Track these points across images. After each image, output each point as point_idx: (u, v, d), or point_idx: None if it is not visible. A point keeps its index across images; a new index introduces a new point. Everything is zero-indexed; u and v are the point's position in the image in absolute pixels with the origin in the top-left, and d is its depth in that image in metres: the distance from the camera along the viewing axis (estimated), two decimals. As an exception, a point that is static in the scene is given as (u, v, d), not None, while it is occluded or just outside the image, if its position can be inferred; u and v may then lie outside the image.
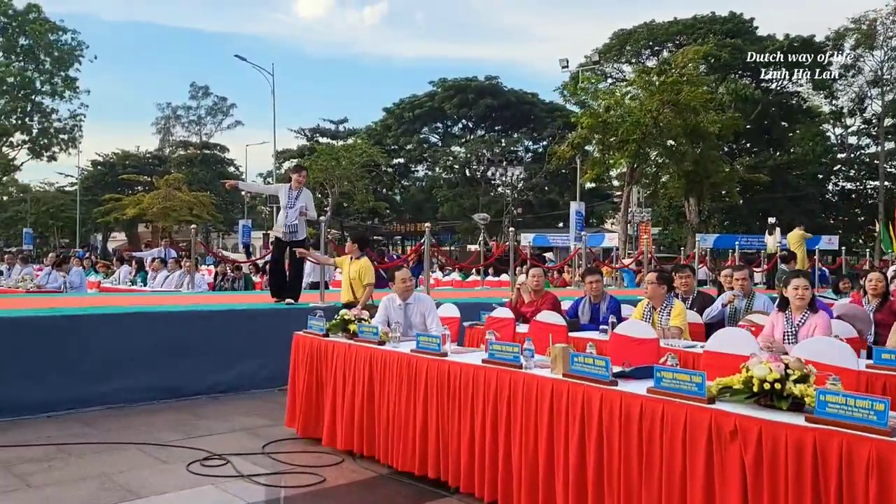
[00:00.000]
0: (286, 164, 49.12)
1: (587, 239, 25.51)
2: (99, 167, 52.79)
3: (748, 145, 43.72)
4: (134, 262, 15.47)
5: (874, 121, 42.87)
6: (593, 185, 52.36)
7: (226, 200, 49.52)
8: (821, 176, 44.82)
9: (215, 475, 4.82)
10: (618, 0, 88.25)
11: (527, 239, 42.45)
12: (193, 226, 12.59)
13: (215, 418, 6.46)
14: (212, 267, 17.00)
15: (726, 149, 31.72)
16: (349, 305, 7.39)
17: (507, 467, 4.02)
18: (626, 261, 19.96)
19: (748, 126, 21.32)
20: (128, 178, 47.73)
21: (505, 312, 5.87)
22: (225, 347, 7.64)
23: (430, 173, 52.71)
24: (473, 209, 45.56)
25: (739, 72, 37.92)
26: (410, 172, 53.29)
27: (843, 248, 23.24)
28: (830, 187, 47.14)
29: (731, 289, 7.86)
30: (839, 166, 45.63)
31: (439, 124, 50.72)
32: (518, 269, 19.06)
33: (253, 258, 19.87)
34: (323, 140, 49.31)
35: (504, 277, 18.96)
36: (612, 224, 46.52)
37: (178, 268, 13.21)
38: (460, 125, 51.34)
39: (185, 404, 7.02)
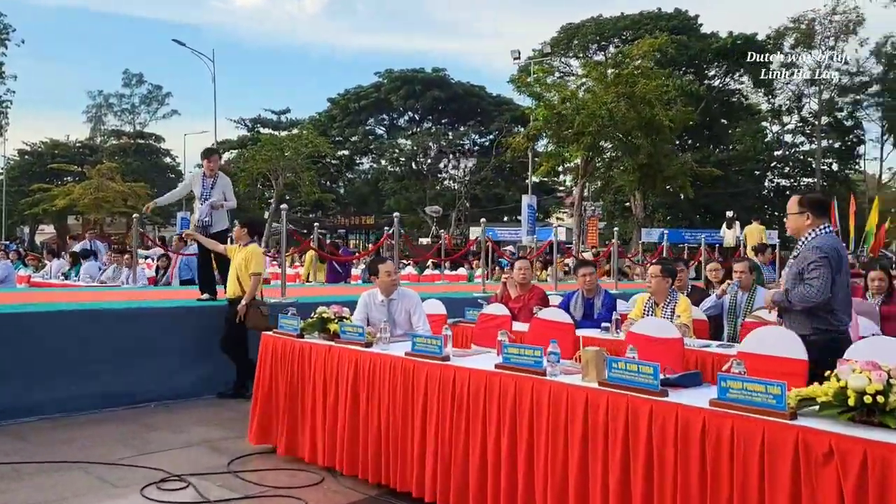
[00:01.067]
0: (226, 155, 47.61)
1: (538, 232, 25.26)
2: (26, 157, 50.21)
3: (690, 141, 44.27)
4: (68, 255, 14.39)
5: (810, 119, 43.96)
6: (539, 179, 52.59)
7: (163, 192, 47.71)
8: (758, 172, 45.73)
9: (175, 501, 4.15)
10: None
11: (475, 232, 42.27)
12: (136, 215, 11.69)
13: (169, 430, 5.74)
14: (151, 261, 16.00)
15: (676, 143, 31.88)
16: (236, 301, 6.76)
17: (528, 491, 3.47)
18: (586, 254, 19.70)
19: (690, 122, 21.23)
20: (57, 168, 45.47)
21: (499, 309, 5.34)
22: (176, 349, 6.90)
23: (375, 166, 51.84)
24: (421, 202, 44.98)
25: (684, 68, 38.25)
26: (355, 165, 52.28)
27: (779, 242, 23.53)
28: (766, 183, 48.22)
29: (716, 282, 7.54)
30: (775, 163, 46.67)
31: (385, 116, 49.86)
32: (476, 262, 18.66)
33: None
34: (265, 131, 47.93)
35: (461, 271, 18.50)
36: (558, 218, 46.60)
37: (113, 262, 12.30)
38: (406, 117, 50.59)
39: (134, 414, 6.27)
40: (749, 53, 36.48)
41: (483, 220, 11.11)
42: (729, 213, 18.49)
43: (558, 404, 3.36)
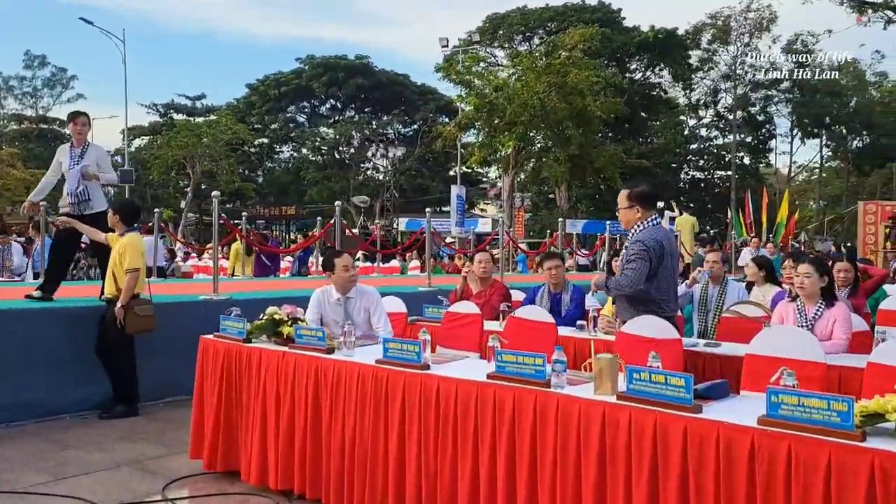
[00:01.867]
0: (137, 142, 45.41)
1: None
2: (-84, 141, 46.60)
3: (611, 134, 44.94)
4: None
5: (724, 113, 45.26)
6: (464, 171, 52.36)
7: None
8: (675, 165, 46.83)
9: (104, 539, 3.51)
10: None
11: (400, 223, 41.65)
12: (44, 203, 10.61)
13: (89, 447, 5.02)
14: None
15: (600, 135, 32.10)
16: (113, 301, 5.83)
17: (530, 520, 3.01)
18: (522, 245, 19.47)
19: (619, 114, 21.31)
20: (-49, 154, 42.31)
21: (467, 307, 4.85)
22: (93, 351, 6.13)
23: (296, 154, 50.51)
24: (344, 192, 44.01)
25: (607, 61, 38.65)
26: (275, 153, 50.78)
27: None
28: (682, 176, 49.47)
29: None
30: (690, 156, 47.92)
31: (307, 103, 48.54)
32: (409, 254, 18.14)
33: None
34: (178, 117, 45.92)
35: (394, 263, 17.94)
36: (482, 210, 46.53)
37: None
38: (328, 105, 49.42)
39: (46, 428, 5.51)
40: (670, 48, 37.18)
41: (428, 209, 10.57)
42: (659, 204, 18.55)
43: (568, 421, 2.90)
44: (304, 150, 49.02)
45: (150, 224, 10.91)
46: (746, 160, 46.89)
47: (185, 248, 15.61)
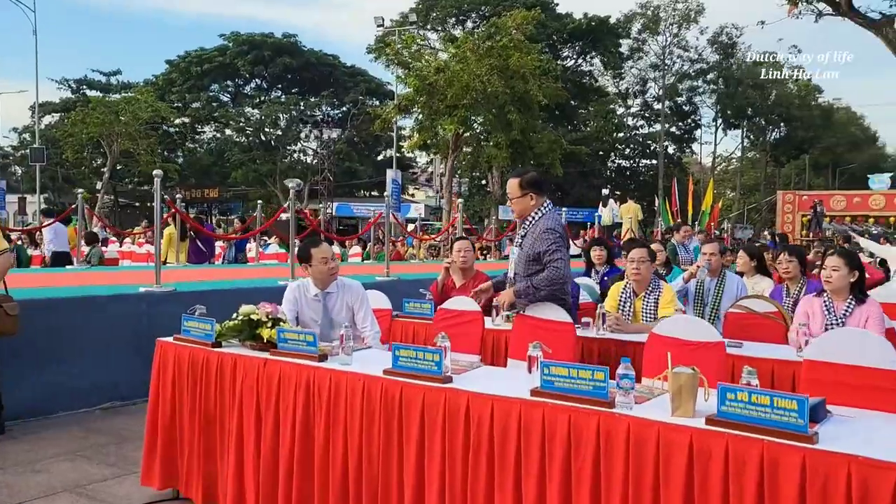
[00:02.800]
0: (47, 119, 42.73)
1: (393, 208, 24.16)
2: None
3: (541, 121, 44.96)
4: None
5: (651, 103, 45.94)
6: (393, 155, 51.53)
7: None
8: (602, 153, 47.34)
9: None
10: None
11: (331, 208, 40.61)
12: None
13: (18, 469, 4.25)
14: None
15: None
16: None
17: (591, 566, 2.51)
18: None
19: (544, 101, 21.10)
20: None
21: (465, 303, 4.30)
22: (14, 351, 5.30)
23: (218, 135, 48.60)
24: (270, 175, 42.64)
25: (541, 46, 38.51)
26: (196, 133, 48.70)
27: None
28: (609, 164, 50.10)
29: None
30: (617, 144, 48.56)
31: (230, 82, 46.67)
32: (348, 241, 17.41)
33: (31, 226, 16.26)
34: (92, 93, 43.39)
35: (335, 249, 17.17)
36: (412, 195, 45.96)
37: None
38: (253, 84, 47.69)
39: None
40: (602, 36, 37.32)
41: (387, 194, 9.93)
42: (604, 191, 18.46)
43: (643, 451, 2.41)
44: (228, 131, 47.21)
45: (75, 206, 9.90)
46: (671, 149, 47.81)
47: (110, 233, 14.46)
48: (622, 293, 4.80)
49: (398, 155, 51.52)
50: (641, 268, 4.64)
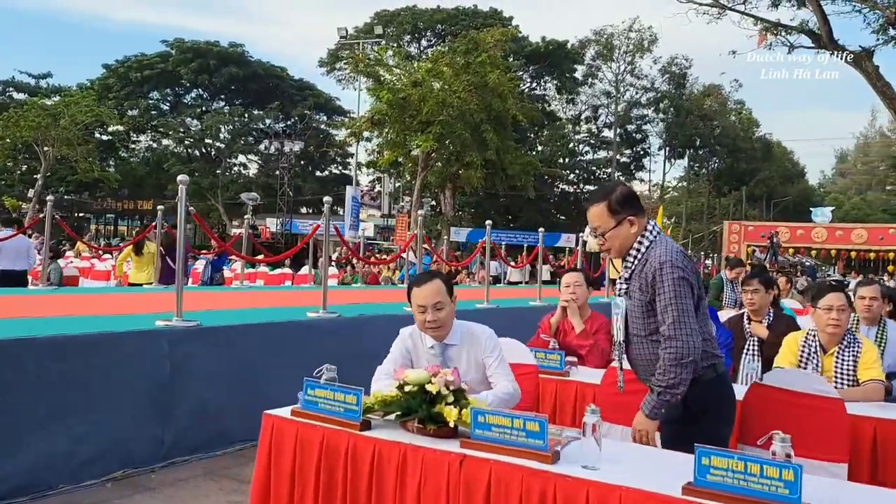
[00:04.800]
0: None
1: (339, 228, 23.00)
2: None
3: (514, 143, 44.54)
4: None
5: (602, 129, 46.16)
6: (339, 172, 50.18)
7: None
8: (548, 179, 47.22)
9: None
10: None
11: (270, 224, 38.89)
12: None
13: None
14: None
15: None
16: None
17: None
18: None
19: (524, 122, 20.46)
20: None
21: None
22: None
23: (155, 145, 46.34)
24: (212, 189, 40.71)
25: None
26: (131, 142, 46.30)
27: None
28: (554, 189, 50.05)
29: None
30: (563, 170, 48.58)
31: (171, 90, 44.58)
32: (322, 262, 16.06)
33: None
34: (19, 96, 40.68)
35: (304, 270, 15.88)
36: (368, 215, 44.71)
37: None
38: (195, 94, 45.67)
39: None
40: (559, 60, 37.18)
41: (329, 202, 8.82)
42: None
43: None
44: (166, 141, 45.04)
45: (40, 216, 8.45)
46: (617, 176, 48.10)
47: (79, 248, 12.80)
48: (804, 347, 3.87)
49: (344, 173, 50.30)
50: (841, 318, 3.71)
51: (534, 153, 43.74)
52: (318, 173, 49.81)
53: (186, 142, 44.17)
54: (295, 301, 7.76)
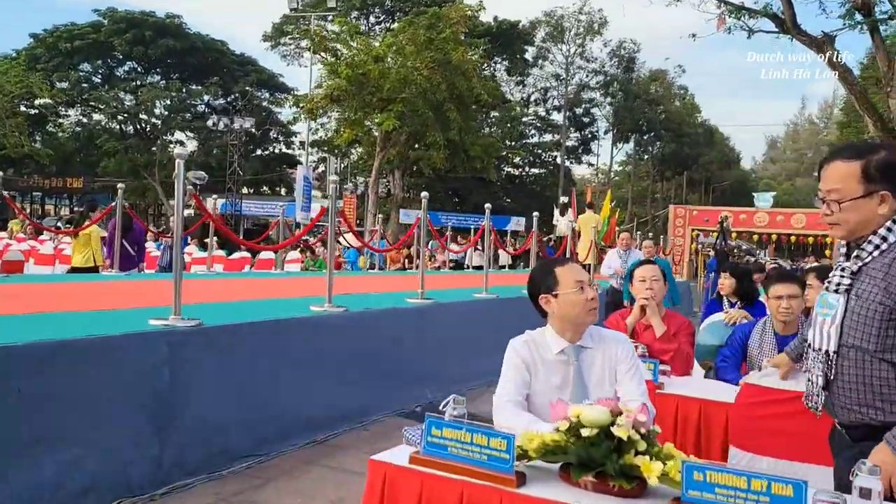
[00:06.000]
0: None
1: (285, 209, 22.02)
2: None
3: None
4: None
5: (551, 112, 45.95)
6: (280, 152, 48.61)
7: None
8: (496, 161, 46.77)
9: None
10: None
11: (209, 204, 37.37)
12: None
13: None
14: None
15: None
16: None
17: None
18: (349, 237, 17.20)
19: (489, 100, 19.87)
20: None
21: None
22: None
23: (85, 120, 43.93)
24: (148, 167, 38.81)
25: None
26: (59, 116, 43.75)
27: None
28: (501, 173, 49.68)
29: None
30: (506, 152, 48.34)
31: (103, 62, 42.19)
32: (302, 248, 15.20)
33: None
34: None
35: (264, 255, 14.98)
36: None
37: None
38: (128, 66, 43.35)
39: None
40: (511, 40, 36.64)
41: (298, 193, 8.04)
42: (563, 199, 17.28)
43: None
44: (97, 116, 42.73)
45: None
46: (558, 159, 48.07)
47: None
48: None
49: (286, 152, 48.77)
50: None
51: (482, 134, 43.31)
52: (259, 152, 48.17)
53: (120, 117, 42.01)
54: (285, 291, 7.03)
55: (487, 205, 7.59)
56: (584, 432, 1.84)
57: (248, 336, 4.48)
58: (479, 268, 18.67)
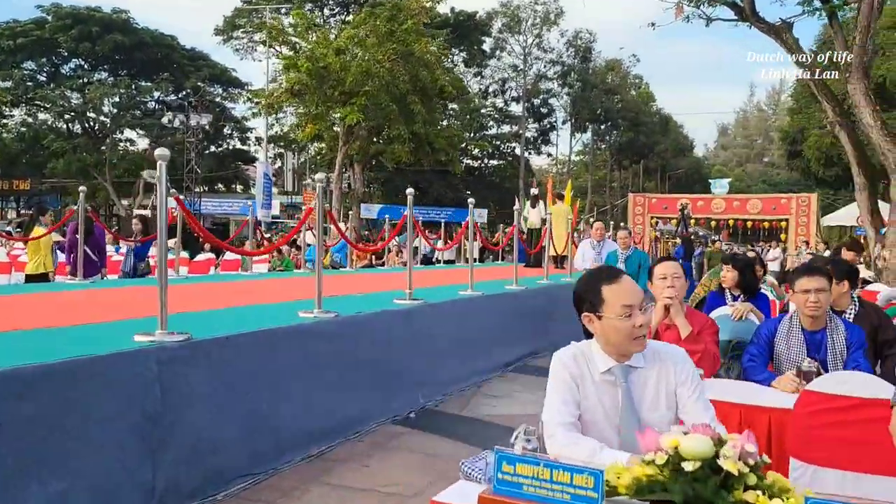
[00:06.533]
0: None
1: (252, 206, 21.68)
2: None
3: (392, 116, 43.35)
4: None
5: (510, 103, 45.89)
6: (233, 147, 47.66)
7: None
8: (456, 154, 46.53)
9: None
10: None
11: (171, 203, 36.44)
12: None
13: None
14: None
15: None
16: None
17: None
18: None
19: (453, 91, 19.64)
20: None
21: (866, 382, 2.56)
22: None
23: (30, 119, 42.46)
24: (99, 166, 37.69)
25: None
26: (3, 116, 42.21)
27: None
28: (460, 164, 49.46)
29: None
30: (465, 144, 48.18)
31: (48, 59, 40.78)
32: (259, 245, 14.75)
33: None
34: None
35: (229, 256, 14.52)
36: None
37: None
38: (73, 64, 41.98)
39: None
40: (468, 31, 36.42)
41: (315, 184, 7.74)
42: (534, 191, 17.05)
43: None
44: (42, 115, 41.33)
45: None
46: (520, 150, 48.11)
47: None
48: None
49: (241, 148, 47.84)
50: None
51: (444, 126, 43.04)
52: (213, 149, 47.15)
53: (67, 116, 40.70)
54: (265, 295, 6.69)
55: (471, 200, 7.32)
56: (687, 466, 1.62)
57: (239, 348, 4.18)
58: (450, 262, 18.45)
